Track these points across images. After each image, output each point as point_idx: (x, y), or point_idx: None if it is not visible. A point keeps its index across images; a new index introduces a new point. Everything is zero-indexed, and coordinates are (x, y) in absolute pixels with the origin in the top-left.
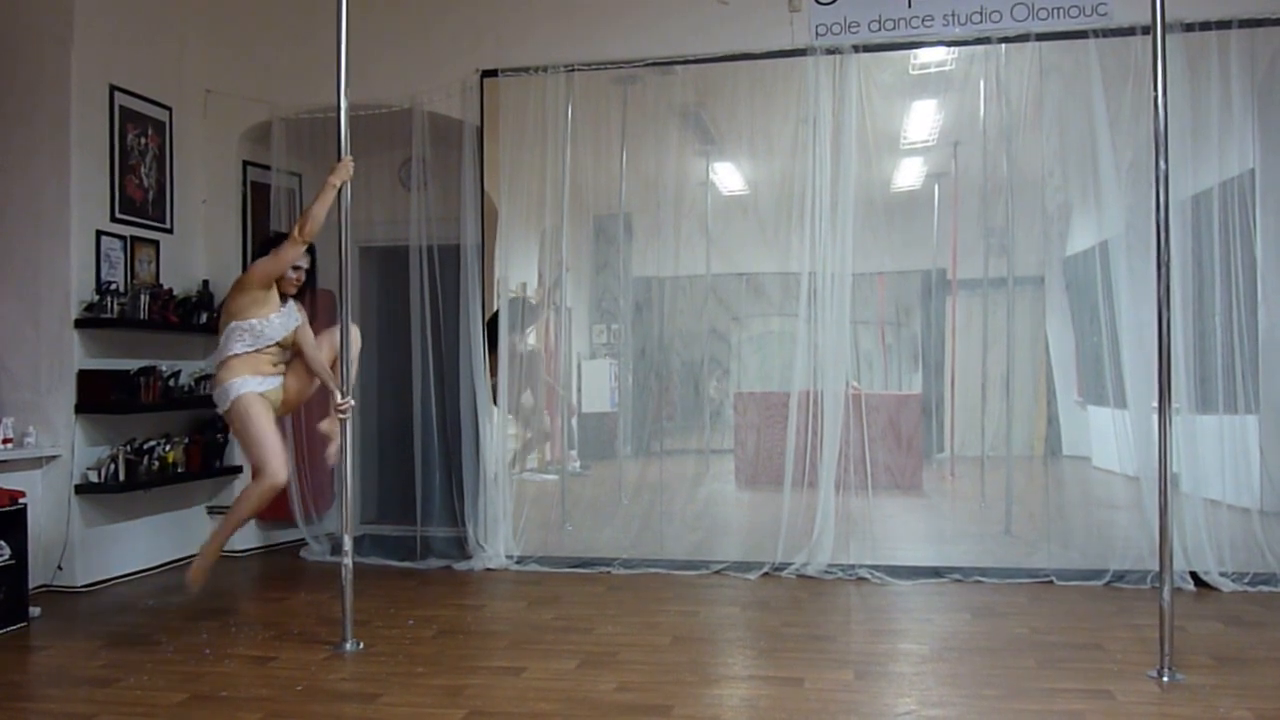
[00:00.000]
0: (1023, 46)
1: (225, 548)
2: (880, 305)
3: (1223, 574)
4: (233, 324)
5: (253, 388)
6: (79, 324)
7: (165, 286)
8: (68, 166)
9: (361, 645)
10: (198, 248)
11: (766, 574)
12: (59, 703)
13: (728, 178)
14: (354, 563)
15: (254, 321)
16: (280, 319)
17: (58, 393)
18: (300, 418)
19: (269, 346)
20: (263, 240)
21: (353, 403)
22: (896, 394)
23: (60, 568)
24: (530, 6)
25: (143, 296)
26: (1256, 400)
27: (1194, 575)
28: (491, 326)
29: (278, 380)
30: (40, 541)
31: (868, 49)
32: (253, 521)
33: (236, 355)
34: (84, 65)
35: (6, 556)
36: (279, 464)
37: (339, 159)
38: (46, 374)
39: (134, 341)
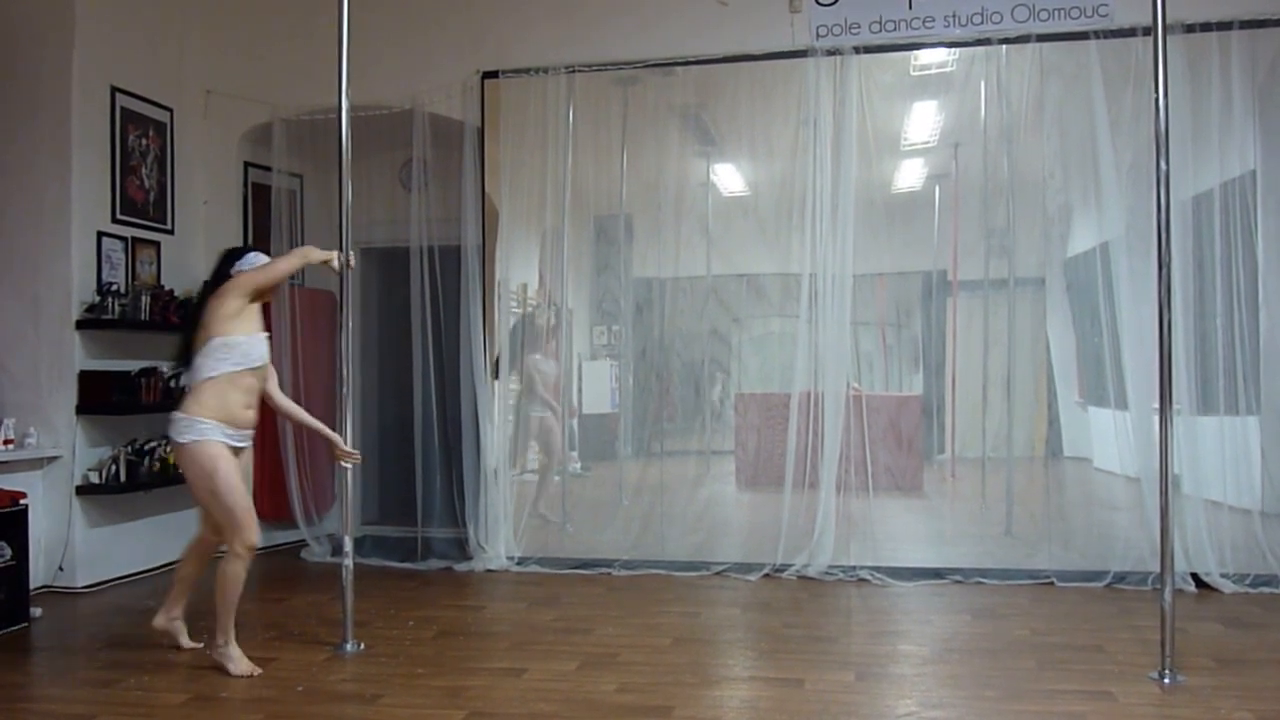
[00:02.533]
0: (1023, 48)
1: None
2: (881, 306)
3: (1224, 575)
4: (216, 339)
5: (222, 439)
6: (80, 325)
7: (166, 287)
8: (69, 167)
9: (362, 646)
10: (198, 249)
11: (767, 575)
12: (60, 703)
13: (728, 179)
14: (354, 564)
15: (241, 338)
16: (264, 342)
17: (59, 393)
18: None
19: (250, 371)
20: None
21: (359, 457)
22: (897, 395)
23: (61, 568)
24: (530, 8)
25: (144, 297)
26: (1258, 401)
27: (1195, 577)
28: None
29: (248, 441)
30: (41, 542)
31: (868, 50)
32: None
33: (214, 379)
34: (85, 67)
35: (7, 557)
36: (253, 521)
37: (340, 159)
38: (47, 375)
39: (135, 342)
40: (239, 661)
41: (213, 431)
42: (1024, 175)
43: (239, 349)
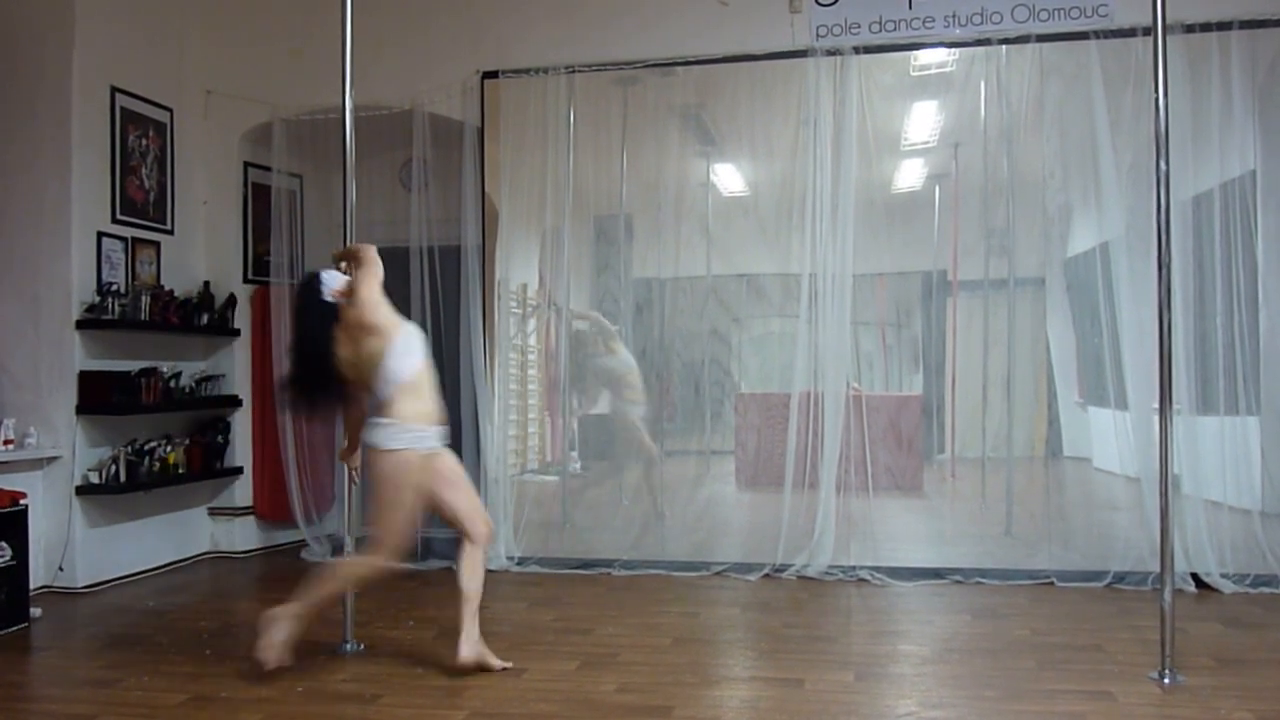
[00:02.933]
0: (1023, 48)
1: (231, 549)
2: (881, 306)
3: (1224, 575)
4: (399, 337)
5: (423, 446)
6: (80, 325)
7: (166, 287)
8: (69, 167)
9: (362, 646)
10: (198, 249)
11: (767, 575)
12: (60, 703)
13: (728, 179)
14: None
15: (413, 332)
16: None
17: (59, 394)
18: (301, 418)
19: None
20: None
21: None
22: (897, 395)
23: (61, 569)
24: (530, 7)
25: (144, 297)
26: (1257, 401)
27: (1195, 577)
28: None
29: (439, 439)
30: (41, 542)
31: (868, 50)
32: (254, 522)
33: (413, 379)
34: (85, 67)
35: (7, 557)
36: (401, 547)
37: (344, 159)
38: (47, 375)
39: (135, 342)
40: (275, 645)
41: (417, 439)
42: (1024, 175)
43: (417, 337)
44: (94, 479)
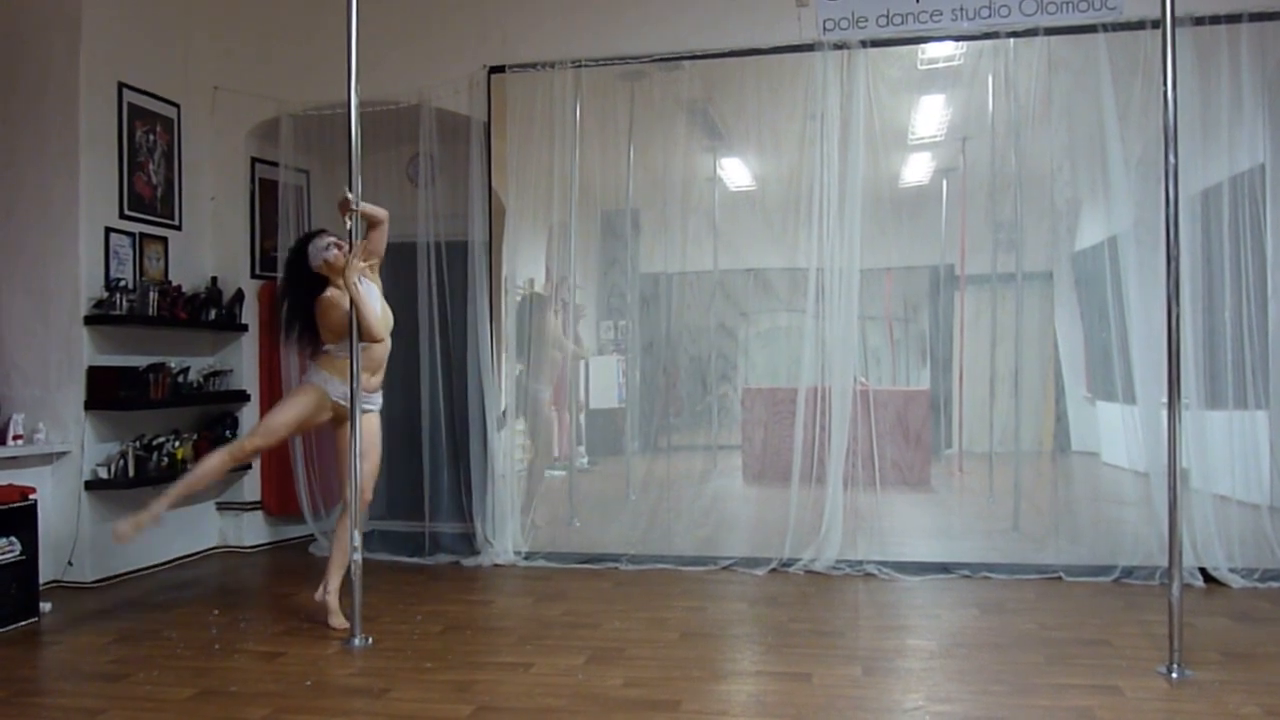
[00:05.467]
0: (1031, 41)
1: (239, 544)
2: (888, 301)
3: (1232, 570)
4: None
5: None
6: (88, 320)
7: (174, 283)
8: (76, 163)
9: (370, 640)
10: (206, 244)
11: (774, 570)
12: (69, 697)
13: (735, 173)
14: (363, 558)
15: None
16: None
17: (67, 389)
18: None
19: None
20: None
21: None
22: (904, 389)
23: (70, 563)
24: (537, 2)
25: (151, 293)
26: (1266, 395)
27: (1203, 571)
28: None
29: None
30: (50, 537)
31: (875, 44)
32: (262, 517)
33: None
34: (92, 63)
35: (17, 552)
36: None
37: (349, 155)
38: (56, 370)
39: (143, 338)
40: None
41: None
42: (1032, 169)
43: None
44: (103, 474)
